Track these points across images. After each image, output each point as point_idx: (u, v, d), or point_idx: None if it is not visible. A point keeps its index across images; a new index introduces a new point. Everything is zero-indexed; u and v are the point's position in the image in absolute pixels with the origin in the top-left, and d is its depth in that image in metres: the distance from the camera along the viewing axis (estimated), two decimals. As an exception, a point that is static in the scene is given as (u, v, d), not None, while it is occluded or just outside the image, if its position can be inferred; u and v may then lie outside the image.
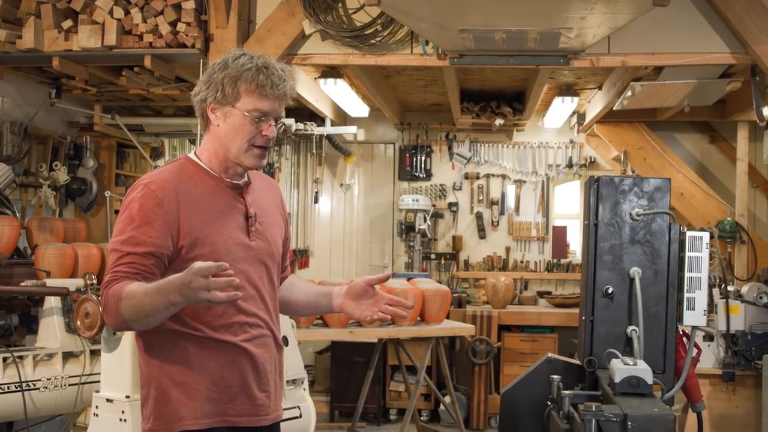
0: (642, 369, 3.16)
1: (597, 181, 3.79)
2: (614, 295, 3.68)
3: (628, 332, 3.62)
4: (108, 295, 2.74)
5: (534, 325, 9.42)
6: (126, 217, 2.82)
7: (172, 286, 2.61)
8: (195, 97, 2.96)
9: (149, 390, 2.90)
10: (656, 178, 3.73)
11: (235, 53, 2.94)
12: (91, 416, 5.01)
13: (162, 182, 2.83)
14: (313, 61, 6.72)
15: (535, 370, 3.81)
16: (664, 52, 6.39)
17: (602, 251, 3.69)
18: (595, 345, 3.69)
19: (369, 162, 10.92)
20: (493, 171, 10.67)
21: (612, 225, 3.71)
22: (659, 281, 3.67)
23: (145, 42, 6.35)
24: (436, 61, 6.55)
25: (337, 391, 9.25)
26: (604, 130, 9.76)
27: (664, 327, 3.64)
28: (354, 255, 10.93)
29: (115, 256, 2.78)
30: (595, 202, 3.78)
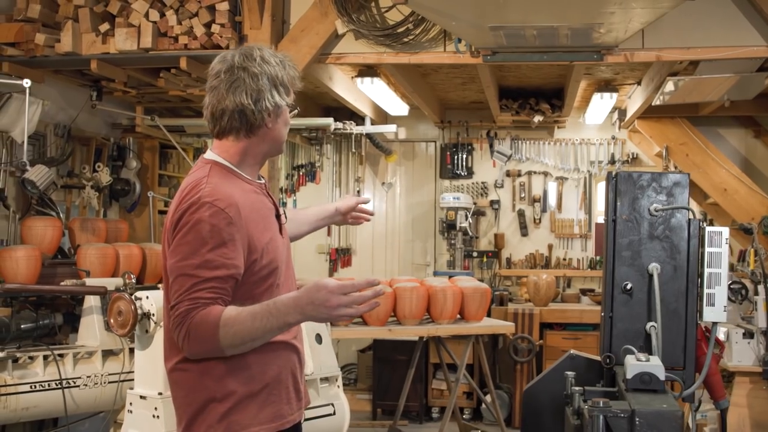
0: (654, 365, 3.14)
1: (615, 176, 3.76)
2: (633, 291, 3.64)
3: (647, 328, 3.59)
4: (193, 324, 2.64)
5: (576, 323, 9.37)
6: (195, 238, 2.69)
7: (290, 308, 2.63)
8: (248, 108, 2.83)
9: (207, 413, 2.80)
10: (675, 173, 3.71)
11: (254, 51, 2.90)
12: (126, 412, 5.08)
13: (228, 198, 2.74)
14: (347, 60, 6.75)
15: (557, 367, 3.79)
16: (699, 46, 6.33)
17: (621, 247, 3.66)
18: (614, 341, 3.67)
19: (410, 160, 10.94)
20: (534, 168, 10.64)
21: (630, 221, 3.68)
22: (679, 277, 3.63)
23: (180, 44, 6.42)
24: (469, 58, 6.54)
25: (380, 389, 9.29)
26: (646, 126, 9.68)
27: (684, 323, 3.61)
28: (396, 253, 10.95)
29: (189, 281, 2.67)
30: (613, 198, 3.76)
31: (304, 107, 9.57)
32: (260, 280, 2.80)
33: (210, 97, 2.90)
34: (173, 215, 2.77)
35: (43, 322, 6.47)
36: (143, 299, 4.95)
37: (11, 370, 5.68)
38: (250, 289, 2.77)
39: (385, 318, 7.18)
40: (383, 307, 7.10)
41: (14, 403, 5.69)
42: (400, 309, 7.19)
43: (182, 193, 2.80)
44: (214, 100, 2.87)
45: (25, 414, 5.84)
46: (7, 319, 6.19)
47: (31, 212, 7.34)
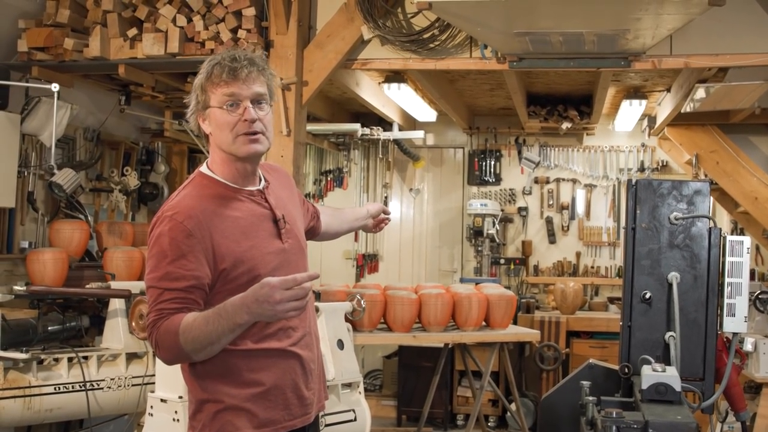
0: (670, 376, 3.11)
1: (635, 184, 3.73)
2: (652, 301, 3.61)
3: (666, 338, 3.56)
4: (159, 334, 2.73)
5: (603, 332, 9.29)
6: (157, 251, 2.78)
7: (237, 307, 2.68)
8: (188, 118, 2.96)
9: (202, 411, 2.91)
10: (695, 181, 3.67)
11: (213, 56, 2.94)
12: (146, 415, 5.10)
13: (187, 210, 2.80)
14: (373, 66, 6.75)
15: (575, 376, 3.76)
16: (728, 53, 6.26)
17: (640, 256, 3.63)
18: (632, 351, 3.64)
19: (438, 166, 10.92)
20: (563, 175, 10.59)
21: (650, 229, 3.65)
22: (699, 287, 3.59)
23: (207, 49, 6.43)
24: (495, 64, 6.51)
25: (405, 396, 9.27)
26: (675, 134, 9.58)
27: (704, 333, 3.57)
28: (423, 260, 10.93)
29: (155, 293, 2.77)
30: (633, 206, 3.72)
31: (331, 113, 9.63)
32: (239, 287, 2.78)
33: None
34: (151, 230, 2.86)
35: (69, 325, 6.53)
36: (165, 303, 4.97)
37: (36, 371, 5.73)
38: (229, 295, 2.77)
39: (409, 324, 7.15)
40: (408, 314, 7.08)
41: (38, 405, 5.73)
42: (425, 315, 7.15)
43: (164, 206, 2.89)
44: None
45: (49, 416, 5.89)
46: (34, 320, 6.24)
47: (60, 215, 7.41)
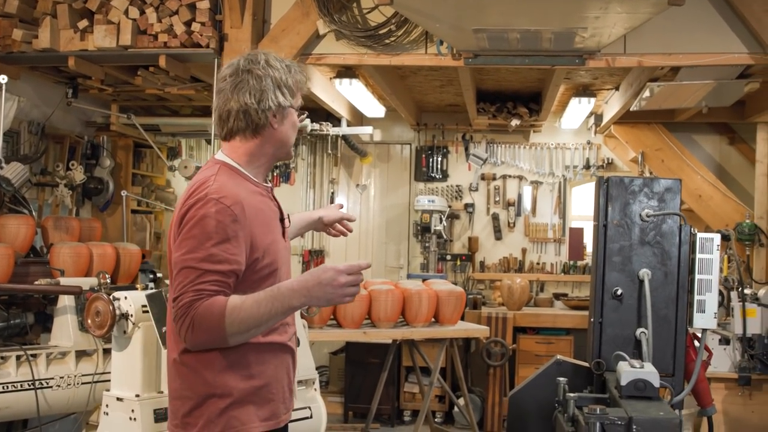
0: (649, 372, 3.12)
1: (607, 181, 3.75)
2: (623, 297, 3.63)
3: (637, 334, 3.58)
4: (198, 314, 2.69)
5: (549, 327, 9.36)
6: (200, 233, 2.76)
7: (294, 291, 2.71)
8: (251, 107, 2.93)
9: (205, 406, 2.85)
10: (666, 178, 3.69)
11: (259, 55, 2.99)
12: (102, 415, 5.00)
13: (233, 196, 2.81)
14: (328, 61, 6.70)
15: (543, 373, 3.77)
16: (681, 52, 6.34)
17: (612, 252, 3.65)
18: (603, 347, 3.66)
19: (385, 162, 10.91)
20: (509, 172, 10.64)
21: (622, 226, 3.67)
22: (669, 283, 3.62)
23: (159, 42, 6.35)
24: (451, 61, 6.52)
25: (352, 392, 9.24)
26: (622, 131, 9.70)
27: (674, 330, 3.60)
28: (370, 256, 10.89)
29: (193, 273, 2.73)
30: (604, 203, 3.74)
31: (280, 107, 9.54)
32: (260, 280, 2.84)
33: (216, 100, 3.00)
34: (180, 210, 2.83)
35: (14, 322, 6.38)
36: (121, 300, 4.88)
37: (-18, 370, 5.60)
38: (251, 286, 2.81)
39: (359, 320, 7.14)
40: (358, 310, 7.07)
41: (-14, 404, 5.61)
42: (375, 312, 7.15)
43: (190, 190, 2.86)
44: (221, 102, 2.97)
45: (-2, 415, 5.76)
46: (-22, 318, 6.10)
47: (4, 210, 7.25)
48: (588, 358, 3.74)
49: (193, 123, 9.16)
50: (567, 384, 3.49)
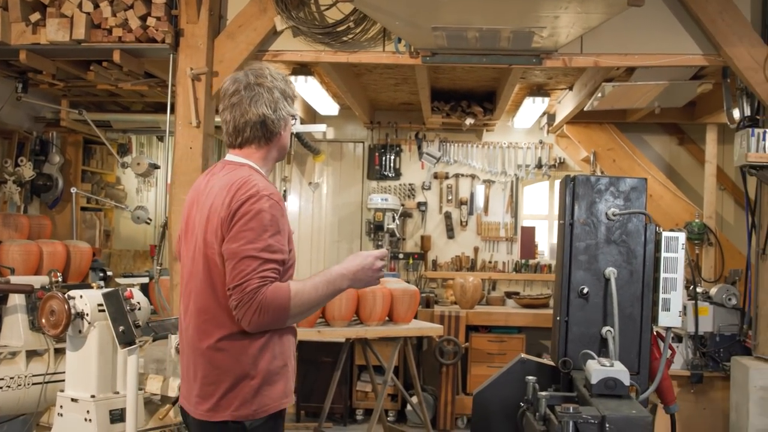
0: (619, 370, 3.13)
1: (573, 180, 3.75)
2: (589, 296, 3.64)
3: (603, 333, 3.59)
4: (266, 298, 2.93)
5: (502, 326, 9.40)
6: (257, 225, 3.00)
7: (341, 275, 3.10)
8: (269, 118, 3.18)
9: (239, 388, 3.06)
10: (632, 177, 3.71)
11: (264, 69, 3.25)
12: (56, 416, 4.93)
13: (278, 194, 3.12)
14: (285, 58, 6.65)
15: (507, 371, 3.76)
16: (637, 53, 6.39)
17: (578, 251, 3.65)
18: (569, 346, 3.65)
19: (338, 161, 10.86)
20: (462, 171, 10.65)
21: (588, 225, 3.67)
22: (635, 282, 3.63)
23: (114, 36, 6.25)
24: (408, 59, 6.51)
25: (304, 391, 9.17)
26: (574, 131, 9.77)
27: (639, 328, 3.61)
28: (322, 254, 10.86)
29: (255, 262, 2.96)
30: (570, 202, 3.74)
31: (233, 104, 9.47)
32: (285, 271, 3.08)
33: (231, 112, 3.21)
34: (230, 205, 3.04)
35: (-41, 321, 6.26)
36: (77, 298, 4.81)
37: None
38: (281, 276, 3.05)
39: (313, 319, 7.11)
40: None
41: (-67, 405, 5.49)
42: (329, 310, 7.13)
43: (234, 187, 3.08)
44: (237, 114, 3.19)
45: (-56, 416, 5.65)
46: None
47: (-50, 207, 7.11)
48: (553, 356, 3.73)
49: (146, 119, 9.06)
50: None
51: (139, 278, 8.01)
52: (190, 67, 6.28)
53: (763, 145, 6.07)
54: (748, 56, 6.22)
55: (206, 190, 3.21)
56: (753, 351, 6.36)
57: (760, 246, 6.27)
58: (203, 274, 3.11)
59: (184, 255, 3.30)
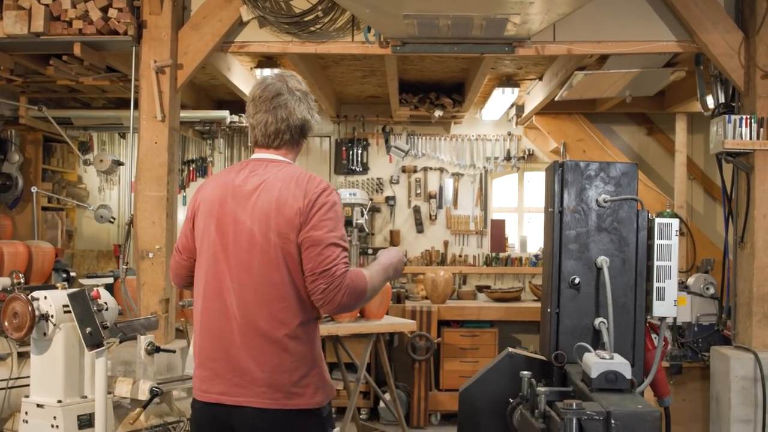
0: (620, 363, 3.00)
1: (561, 166, 3.62)
2: (581, 286, 3.51)
3: (596, 324, 3.46)
4: (354, 282, 3.11)
5: (474, 320, 9.29)
6: (334, 216, 3.17)
7: (388, 266, 3.38)
8: (309, 122, 3.37)
9: (311, 376, 3.19)
10: (623, 163, 3.59)
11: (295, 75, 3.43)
12: (20, 423, 4.73)
13: None
14: (251, 49, 6.47)
15: (495, 367, 3.63)
16: (610, 41, 6.29)
17: (568, 240, 3.52)
18: (561, 338, 3.52)
19: (304, 155, 10.69)
20: (430, 164, 10.53)
21: (578, 212, 3.54)
22: (627, 270, 3.51)
23: (74, 28, 6.04)
24: (378, 49, 6.36)
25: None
26: (544, 122, 9.68)
27: (633, 318, 3.49)
28: (289, 251, 10.66)
29: (339, 249, 3.13)
30: (559, 189, 3.61)
31: (196, 99, 9.30)
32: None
33: (273, 115, 3.31)
34: (306, 197, 3.16)
35: None
36: (41, 300, 4.62)
37: None
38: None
39: None
40: None
41: None
42: None
43: (303, 180, 3.21)
44: (280, 116, 3.30)
45: None
46: None
47: None
48: (543, 350, 3.61)
49: (107, 115, 8.84)
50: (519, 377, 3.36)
51: (103, 278, 7.81)
52: (153, 60, 6.09)
53: (740, 132, 5.98)
54: (723, 42, 6.13)
55: (245, 185, 3.25)
56: (732, 340, 6.28)
57: (738, 235, 6.19)
58: (275, 264, 3.16)
59: (211, 248, 3.27)
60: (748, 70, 6.14)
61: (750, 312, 6.06)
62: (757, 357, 5.90)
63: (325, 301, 3.08)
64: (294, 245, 3.13)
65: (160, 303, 6.08)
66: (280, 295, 3.15)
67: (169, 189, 6.19)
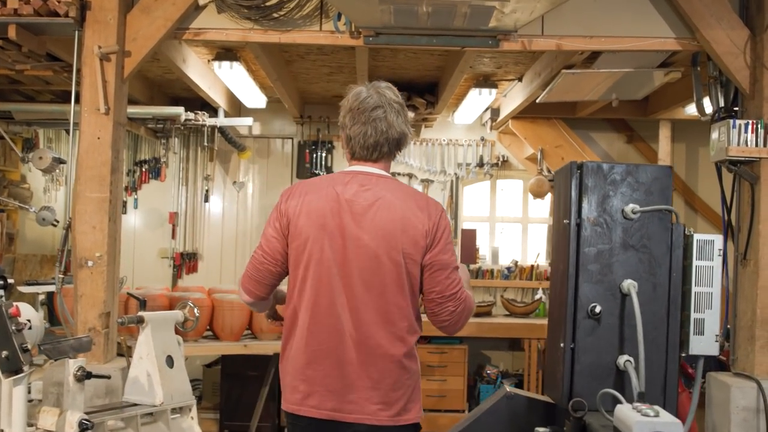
0: (669, 423, 2.40)
1: (580, 167, 3.02)
2: (602, 316, 2.91)
3: (621, 364, 2.86)
4: (470, 303, 3.29)
5: (442, 336, 8.72)
6: (451, 239, 3.30)
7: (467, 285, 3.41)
8: (407, 135, 3.37)
9: (418, 385, 3.30)
10: (654, 165, 3.01)
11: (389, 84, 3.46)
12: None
13: None
14: (207, 37, 5.82)
15: (491, 410, 3.04)
16: (603, 36, 5.74)
17: (587, 259, 2.91)
18: (576, 379, 2.92)
19: (264, 158, 10.09)
20: (398, 169, 9.97)
21: (599, 225, 2.95)
22: (659, 297, 2.92)
23: (9, 8, 5.40)
24: (348, 39, 5.75)
25: (228, 408, 8.42)
26: (520, 127, 9.13)
27: (665, 357, 2.89)
28: (247, 259, 9.97)
29: (457, 272, 3.27)
30: (577, 196, 3.00)
31: (150, 95, 8.64)
32: None
33: (372, 127, 3.27)
34: (431, 219, 3.24)
35: None
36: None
37: None
38: None
39: (239, 332, 6.50)
40: (238, 320, 6.46)
41: None
42: (257, 322, 6.57)
43: (423, 201, 3.30)
44: (380, 128, 3.27)
45: None
46: None
47: None
48: (552, 390, 3.01)
49: (52, 110, 8.16)
50: (518, 421, 2.77)
51: (44, 286, 7.26)
52: (98, 45, 5.44)
53: (745, 138, 5.42)
54: (727, 40, 5.59)
55: (357, 200, 3.23)
56: (731, 366, 5.72)
57: (740, 251, 5.63)
58: (399, 284, 3.17)
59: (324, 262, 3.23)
60: (754, 71, 5.60)
61: (753, 336, 5.50)
62: (760, 386, 5.33)
63: (451, 323, 3.24)
64: (417, 266, 3.18)
65: (100, 317, 5.43)
66: (403, 314, 3.18)
67: (113, 190, 5.53)
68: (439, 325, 3.28)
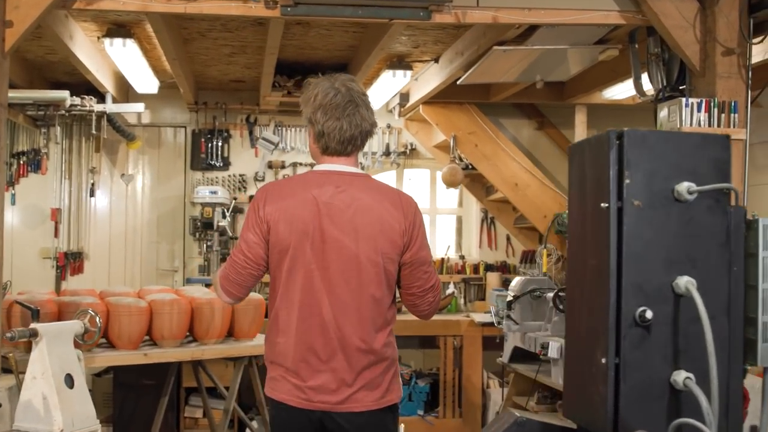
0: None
1: (620, 138, 2.47)
2: (652, 323, 2.36)
3: (679, 381, 2.33)
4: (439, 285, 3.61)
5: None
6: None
7: None
8: (375, 125, 3.53)
9: (396, 367, 3.50)
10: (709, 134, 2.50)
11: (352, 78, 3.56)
12: None
13: None
14: (101, 7, 5.08)
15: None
16: (542, 8, 5.28)
17: (632, 252, 2.36)
18: (623, 402, 2.36)
19: (155, 148, 9.37)
20: (300, 159, 9.38)
21: (647, 208, 2.41)
22: (716, 297, 2.40)
23: None
24: (263, 10, 5.14)
25: (122, 421, 7.80)
26: (432, 113, 8.63)
27: (727, 370, 2.37)
28: (138, 258, 9.37)
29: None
30: (616, 173, 2.45)
31: (29, 80, 7.83)
32: None
33: (348, 121, 3.39)
34: (407, 218, 3.43)
35: None
36: None
37: None
38: None
39: (138, 340, 5.86)
40: (137, 326, 5.90)
41: None
42: (157, 328, 5.93)
43: (396, 199, 3.48)
44: (354, 122, 3.40)
45: None
46: None
47: None
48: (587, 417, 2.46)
49: None
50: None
51: None
52: (-26, 15, 4.71)
53: (698, 118, 5.01)
54: (677, 12, 5.19)
55: (334, 202, 3.34)
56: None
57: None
58: (377, 283, 3.35)
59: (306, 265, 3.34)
60: (705, 46, 5.21)
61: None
62: None
63: (430, 311, 3.57)
64: (394, 264, 3.40)
65: (-17, 331, 4.72)
66: (381, 310, 3.37)
67: (-5, 182, 4.82)
68: (419, 315, 3.58)
